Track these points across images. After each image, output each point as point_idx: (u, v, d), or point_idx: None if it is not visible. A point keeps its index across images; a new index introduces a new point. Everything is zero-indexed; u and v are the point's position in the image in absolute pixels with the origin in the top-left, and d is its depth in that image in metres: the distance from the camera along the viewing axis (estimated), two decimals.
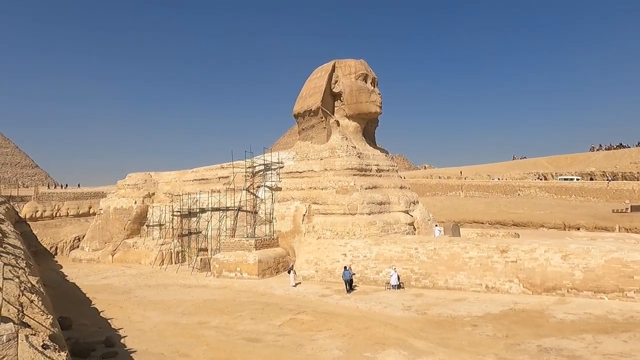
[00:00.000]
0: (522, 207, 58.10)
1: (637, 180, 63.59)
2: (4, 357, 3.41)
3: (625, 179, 65.73)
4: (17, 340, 3.68)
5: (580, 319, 17.34)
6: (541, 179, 76.98)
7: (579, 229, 43.90)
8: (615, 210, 49.62)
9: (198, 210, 38.57)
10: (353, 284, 24.78)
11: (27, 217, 49.62)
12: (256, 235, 32.96)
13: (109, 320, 19.38)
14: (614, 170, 70.54)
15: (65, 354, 6.70)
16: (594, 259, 20.77)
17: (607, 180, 65.46)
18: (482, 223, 51.29)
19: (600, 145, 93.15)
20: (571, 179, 30.41)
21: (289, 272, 26.90)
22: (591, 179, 69.52)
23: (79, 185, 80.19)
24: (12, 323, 3.97)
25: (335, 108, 35.67)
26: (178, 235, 39.60)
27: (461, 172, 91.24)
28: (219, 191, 37.65)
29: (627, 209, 50.06)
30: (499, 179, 78.67)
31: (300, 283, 26.94)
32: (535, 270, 21.74)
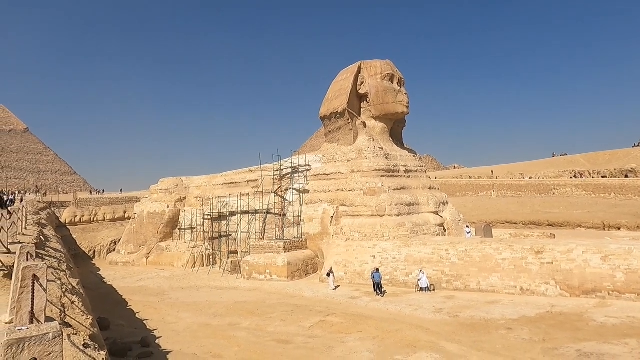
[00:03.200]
0: (558, 207, 56.03)
1: None
2: (50, 354, 3.60)
3: None
4: (63, 338, 3.87)
5: (623, 322, 16.55)
6: (577, 177, 73.99)
7: (619, 228, 41.90)
8: None
9: (228, 213, 39.23)
10: (382, 287, 24.55)
11: (67, 221, 51.90)
12: (285, 238, 33.21)
13: (144, 321, 19.97)
14: None
15: (105, 353, 6.97)
16: (636, 260, 19.80)
17: None
18: (516, 223, 49.77)
19: None
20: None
21: (327, 276, 26.62)
22: (626, 176, 66.38)
23: (121, 191, 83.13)
24: (57, 322, 4.17)
25: (362, 109, 35.55)
26: (209, 238, 40.40)
27: (492, 172, 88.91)
28: (247, 194, 38.18)
29: None
30: (530, 178, 76.20)
31: (339, 286, 26.44)
32: (573, 272, 20.93)
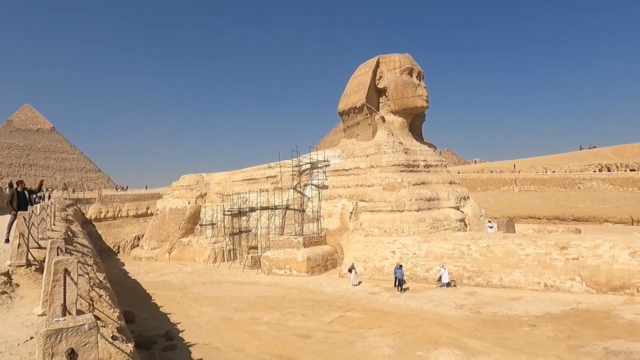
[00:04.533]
0: (583, 201, 54.55)
1: None
2: (86, 345, 3.74)
3: None
4: (97, 329, 4.01)
5: None
6: (604, 171, 71.88)
7: None
8: None
9: (248, 209, 39.62)
10: (404, 283, 24.42)
11: (92, 218, 53.36)
12: (304, 233, 33.35)
13: (167, 315, 20.41)
14: None
15: (132, 345, 7.16)
16: None
17: None
18: (539, 218, 48.73)
19: None
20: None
21: (349, 271, 26.54)
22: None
23: (146, 187, 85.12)
24: (91, 314, 4.32)
25: (381, 104, 35.27)
26: (229, 234, 40.91)
27: (514, 166, 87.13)
28: (267, 190, 38.46)
29: None
30: (554, 172, 74.40)
31: (361, 282, 26.29)
32: (599, 268, 20.39)
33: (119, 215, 56.22)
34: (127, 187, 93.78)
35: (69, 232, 21.09)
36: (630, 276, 19.60)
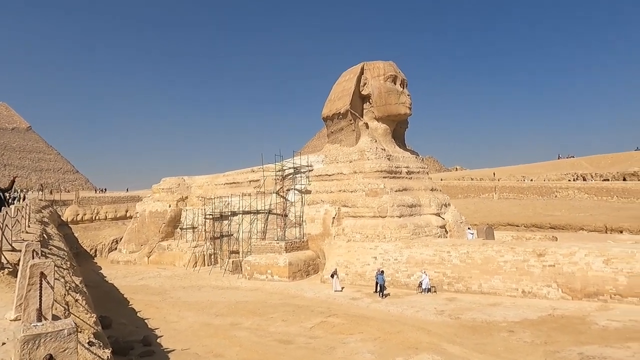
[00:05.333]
0: (560, 209, 55.91)
1: None
2: (65, 350, 3.64)
3: None
4: (77, 335, 3.90)
5: (625, 326, 16.51)
6: (579, 180, 73.87)
7: (622, 232, 41.78)
8: None
9: (229, 213, 39.27)
10: (385, 289, 24.49)
11: (69, 220, 52.03)
12: (286, 238, 33.23)
13: (145, 320, 20.01)
14: None
15: (109, 351, 6.99)
16: (639, 263, 19.76)
17: None
18: (517, 226, 49.68)
19: None
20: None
21: (332, 277, 26.33)
22: (624, 179, 66.28)
23: (127, 190, 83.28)
24: (70, 319, 4.20)
25: (364, 110, 35.55)
26: (210, 238, 40.44)
27: (494, 174, 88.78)
28: (249, 194, 38.23)
29: None
30: (532, 180, 76.12)
31: (344, 287, 26.17)
32: (575, 275, 20.89)
33: (97, 217, 54.99)
34: (105, 189, 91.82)
35: (44, 235, 20.52)
36: (604, 283, 20.15)
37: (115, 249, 48.44)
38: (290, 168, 36.46)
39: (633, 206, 54.92)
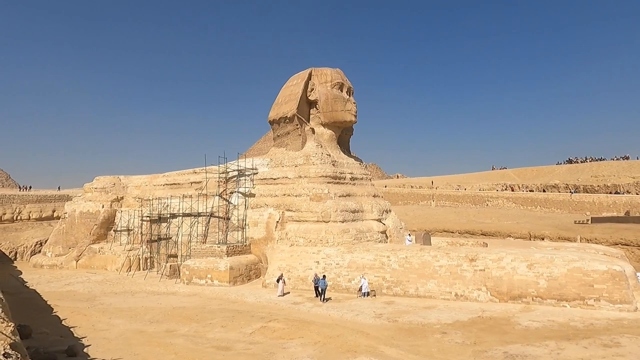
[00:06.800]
0: (490, 217, 59.78)
1: (597, 193, 66.61)
2: None
3: (587, 192, 68.79)
4: None
5: (544, 326, 17.93)
6: (508, 190, 79.51)
7: (543, 238, 45.50)
8: (577, 222, 51.75)
9: (168, 215, 37.77)
10: (326, 293, 24.69)
11: None
12: (228, 242, 32.54)
13: (71, 329, 18.65)
14: (576, 183, 73.71)
15: None
16: (557, 268, 21.56)
17: (570, 192, 68.33)
18: (452, 232, 52.41)
19: (571, 159, 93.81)
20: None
21: (277, 281, 25.89)
22: (544, 191, 72.46)
23: (59, 188, 76.75)
24: None
25: (311, 116, 35.85)
26: (147, 241, 38.61)
27: (432, 182, 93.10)
28: (190, 196, 37.03)
29: (588, 220, 52.34)
30: (465, 189, 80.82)
31: (288, 293, 25.93)
32: (502, 279, 22.36)
33: (19, 217, 50.58)
34: (30, 187, 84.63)
35: None
36: (527, 286, 21.76)
37: (40, 252, 44.78)
38: (234, 170, 35.82)
39: (553, 215, 60.05)
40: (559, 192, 71.72)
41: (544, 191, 73.77)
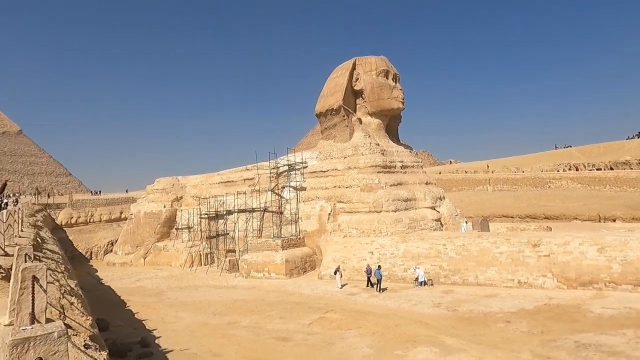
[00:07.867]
0: (554, 200, 56.33)
1: None
2: (55, 354, 3.60)
3: None
4: (67, 337, 3.85)
5: (620, 313, 16.69)
6: (572, 170, 74.47)
7: (615, 220, 42.21)
8: None
9: (225, 212, 39.16)
10: (382, 283, 24.48)
11: (63, 223, 51.63)
12: (282, 236, 33.21)
13: (143, 322, 19.93)
14: None
15: (106, 354, 6.96)
16: (632, 251, 19.97)
17: None
18: (512, 217, 50.02)
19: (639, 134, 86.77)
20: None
21: (334, 273, 26.07)
22: (611, 169, 66.92)
23: (127, 191, 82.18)
24: (61, 322, 4.16)
25: (357, 106, 35.53)
26: (206, 237, 40.34)
27: (488, 166, 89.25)
28: (244, 193, 38.13)
29: None
30: (523, 172, 76.63)
31: (346, 284, 25.92)
32: (569, 264, 21.07)
33: (92, 220, 54.61)
34: (99, 192, 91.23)
35: (37, 239, 20.35)
36: (598, 271, 20.34)
37: (111, 251, 48.18)
38: (284, 165, 36.41)
39: (625, 195, 55.47)
40: (631, 169, 66.07)
41: (611, 169, 68.31)
